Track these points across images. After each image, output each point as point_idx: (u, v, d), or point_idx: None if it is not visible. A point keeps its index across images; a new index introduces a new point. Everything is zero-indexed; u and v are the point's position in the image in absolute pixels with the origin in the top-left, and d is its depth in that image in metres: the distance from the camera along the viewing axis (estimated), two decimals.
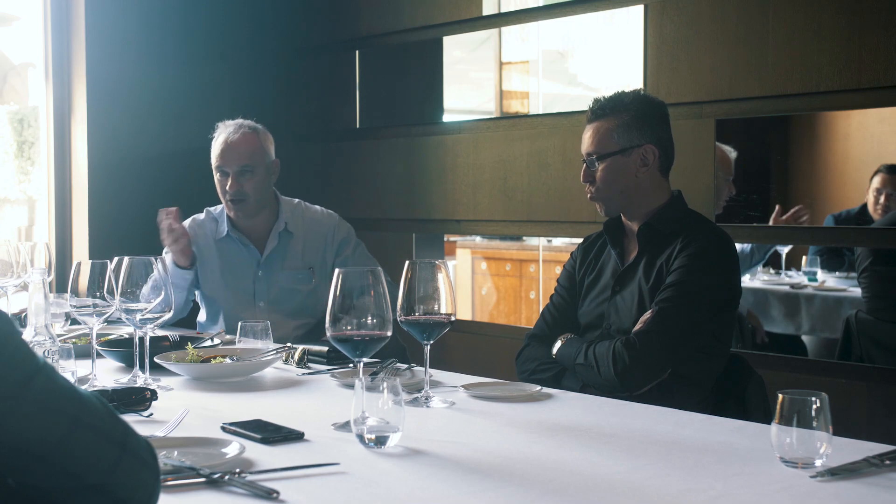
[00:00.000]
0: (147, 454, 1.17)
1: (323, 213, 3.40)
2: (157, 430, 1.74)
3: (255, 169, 3.22)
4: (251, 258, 3.29)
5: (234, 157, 3.20)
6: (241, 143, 3.21)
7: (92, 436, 1.12)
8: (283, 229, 3.28)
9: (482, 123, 4.30)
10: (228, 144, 3.21)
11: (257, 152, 3.23)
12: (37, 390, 1.10)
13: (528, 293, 6.00)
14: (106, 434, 1.14)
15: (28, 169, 4.70)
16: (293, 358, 2.48)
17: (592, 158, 2.53)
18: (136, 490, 1.16)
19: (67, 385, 1.14)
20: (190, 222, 3.33)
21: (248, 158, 3.21)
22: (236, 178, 3.19)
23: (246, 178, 3.21)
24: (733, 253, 2.49)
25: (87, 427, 1.12)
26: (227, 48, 4.66)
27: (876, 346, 3.22)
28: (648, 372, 2.33)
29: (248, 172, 3.21)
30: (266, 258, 3.28)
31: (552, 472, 1.52)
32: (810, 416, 1.48)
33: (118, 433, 1.15)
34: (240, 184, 3.20)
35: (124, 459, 1.14)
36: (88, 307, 2.15)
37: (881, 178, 3.21)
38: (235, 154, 3.20)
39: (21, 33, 4.77)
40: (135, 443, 1.16)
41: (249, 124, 3.28)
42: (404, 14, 4.45)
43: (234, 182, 3.19)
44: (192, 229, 3.30)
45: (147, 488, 1.17)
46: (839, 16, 3.14)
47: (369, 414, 1.64)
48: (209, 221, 3.34)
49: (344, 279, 1.72)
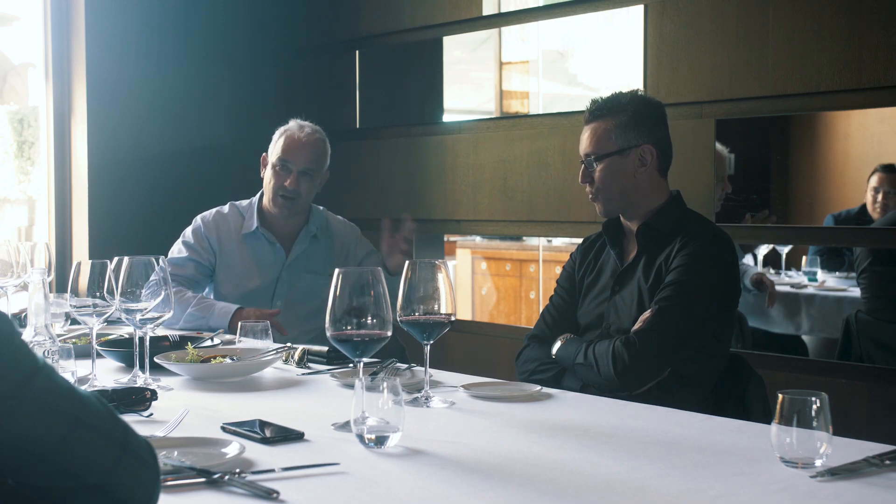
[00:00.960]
0: (147, 454, 1.17)
1: (346, 224, 3.48)
2: (157, 430, 1.74)
3: (315, 173, 3.29)
4: (276, 258, 3.31)
5: (301, 155, 3.26)
6: (311, 146, 3.28)
7: (92, 436, 1.12)
8: (313, 234, 3.33)
9: (482, 123, 4.30)
10: (300, 142, 3.27)
11: (321, 158, 3.31)
12: (37, 390, 1.10)
13: (528, 293, 6.00)
14: (106, 434, 1.14)
15: (28, 169, 4.70)
16: (293, 358, 2.48)
17: (591, 159, 2.53)
18: (136, 490, 1.16)
19: (67, 385, 1.14)
20: (214, 214, 3.35)
21: (312, 161, 3.28)
22: (298, 176, 3.25)
23: (305, 179, 3.27)
24: (732, 252, 2.49)
25: (87, 427, 1.12)
26: (227, 48, 4.66)
27: (876, 346, 3.22)
28: (648, 371, 2.34)
29: (308, 174, 3.27)
30: (292, 260, 3.31)
31: (552, 472, 1.52)
32: (810, 416, 1.48)
33: (118, 433, 1.15)
34: (298, 183, 3.25)
35: (124, 459, 1.14)
36: (88, 307, 2.15)
37: (878, 177, 3.22)
38: (303, 153, 3.26)
39: (21, 33, 4.78)
40: (135, 443, 1.16)
41: (320, 130, 3.36)
42: (404, 14, 4.46)
43: (295, 180, 3.24)
44: (215, 221, 3.32)
45: (147, 488, 1.17)
46: (839, 16, 3.14)
47: (369, 414, 1.64)
48: (235, 216, 3.35)
49: (344, 279, 1.73)
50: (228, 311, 3.04)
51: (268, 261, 3.31)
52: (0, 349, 1.09)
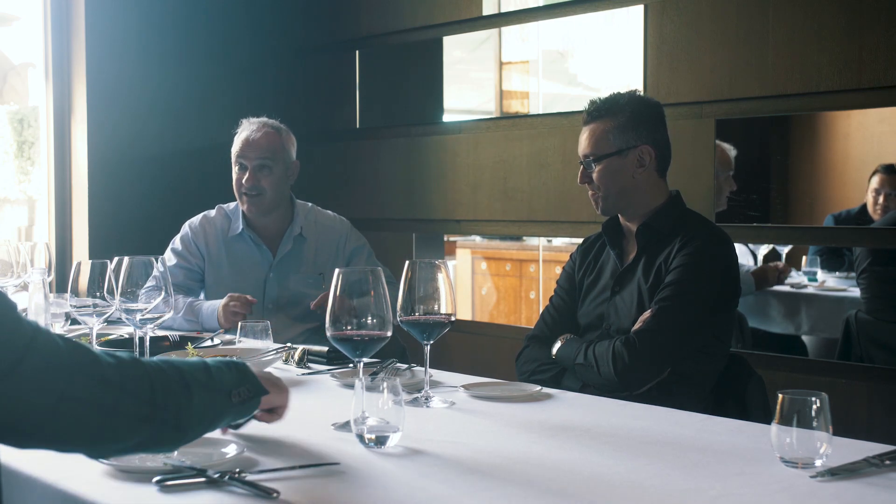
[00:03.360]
0: (141, 398, 1.23)
1: (335, 219, 3.43)
2: None
3: (274, 166, 3.25)
4: (263, 259, 3.30)
5: (253, 151, 3.24)
6: (263, 139, 3.26)
7: (77, 407, 1.14)
8: (297, 233, 3.31)
9: (482, 123, 4.30)
10: (249, 137, 3.26)
11: (278, 150, 3.27)
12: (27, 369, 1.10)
13: (528, 293, 6.00)
14: (94, 402, 1.15)
15: (28, 169, 4.70)
16: (293, 358, 2.48)
17: (589, 160, 2.53)
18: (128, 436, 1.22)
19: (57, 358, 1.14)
20: (201, 218, 3.34)
21: (267, 154, 3.25)
22: (254, 172, 3.23)
23: (264, 173, 3.24)
24: (732, 252, 2.49)
25: (74, 400, 1.13)
26: (227, 48, 4.66)
27: (876, 346, 3.22)
28: (648, 371, 2.34)
29: (266, 168, 3.24)
30: (279, 261, 3.29)
31: (552, 472, 1.52)
32: (810, 416, 1.48)
33: (108, 399, 1.16)
34: (257, 178, 3.23)
35: (111, 420, 1.16)
36: (88, 307, 2.15)
37: (879, 178, 3.22)
38: (256, 148, 3.24)
39: (21, 33, 4.77)
40: (127, 401, 1.20)
41: (273, 123, 3.32)
42: (404, 14, 4.46)
43: (252, 176, 3.23)
44: (202, 225, 3.32)
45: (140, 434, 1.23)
46: (839, 16, 3.14)
47: (369, 414, 1.64)
48: (221, 219, 3.34)
49: (344, 279, 1.72)
50: (214, 309, 3.05)
51: (255, 262, 3.29)
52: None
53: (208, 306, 3.07)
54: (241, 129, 3.31)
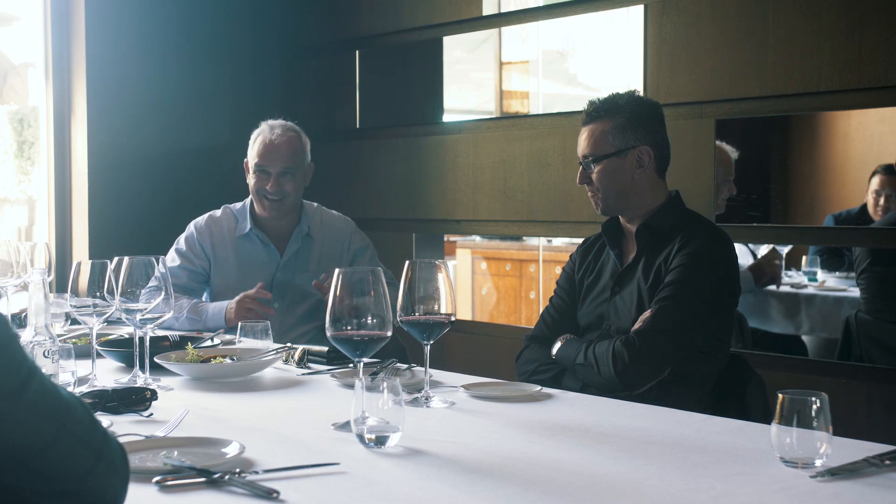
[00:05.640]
0: (119, 461, 1.18)
1: (340, 219, 3.45)
2: (157, 430, 1.74)
3: (296, 171, 3.28)
4: (271, 259, 3.31)
5: (276, 157, 3.25)
6: (285, 145, 3.27)
7: (73, 442, 1.12)
8: (305, 233, 3.32)
9: (482, 123, 4.30)
10: (272, 145, 3.26)
11: (298, 154, 3.29)
12: (32, 395, 1.09)
13: (528, 293, 6.00)
14: (86, 441, 1.14)
15: (28, 169, 4.70)
16: (293, 358, 2.48)
17: (588, 160, 2.53)
18: (105, 496, 1.16)
19: (55, 390, 1.13)
20: (207, 218, 3.35)
21: (290, 160, 3.26)
22: (277, 177, 3.24)
23: (286, 178, 3.26)
24: (731, 252, 2.49)
25: (70, 434, 1.12)
26: (227, 48, 4.66)
27: (876, 346, 3.22)
28: (648, 371, 2.34)
29: (288, 174, 3.26)
30: (286, 260, 3.30)
31: (552, 472, 1.52)
32: (810, 416, 1.48)
33: (96, 440, 1.15)
34: (280, 184, 3.25)
35: (98, 467, 1.14)
36: (88, 307, 2.15)
37: (879, 179, 3.22)
38: (278, 155, 3.25)
39: (21, 33, 4.77)
40: (109, 450, 1.16)
41: (292, 126, 3.33)
42: (404, 14, 4.46)
43: (276, 182, 3.24)
44: (208, 225, 3.32)
45: (114, 493, 1.17)
46: (839, 16, 3.14)
47: (369, 414, 1.64)
48: (228, 219, 3.35)
49: (344, 279, 1.72)
50: (221, 309, 3.05)
51: (262, 262, 3.30)
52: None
53: (214, 307, 3.08)
54: (261, 132, 3.31)
